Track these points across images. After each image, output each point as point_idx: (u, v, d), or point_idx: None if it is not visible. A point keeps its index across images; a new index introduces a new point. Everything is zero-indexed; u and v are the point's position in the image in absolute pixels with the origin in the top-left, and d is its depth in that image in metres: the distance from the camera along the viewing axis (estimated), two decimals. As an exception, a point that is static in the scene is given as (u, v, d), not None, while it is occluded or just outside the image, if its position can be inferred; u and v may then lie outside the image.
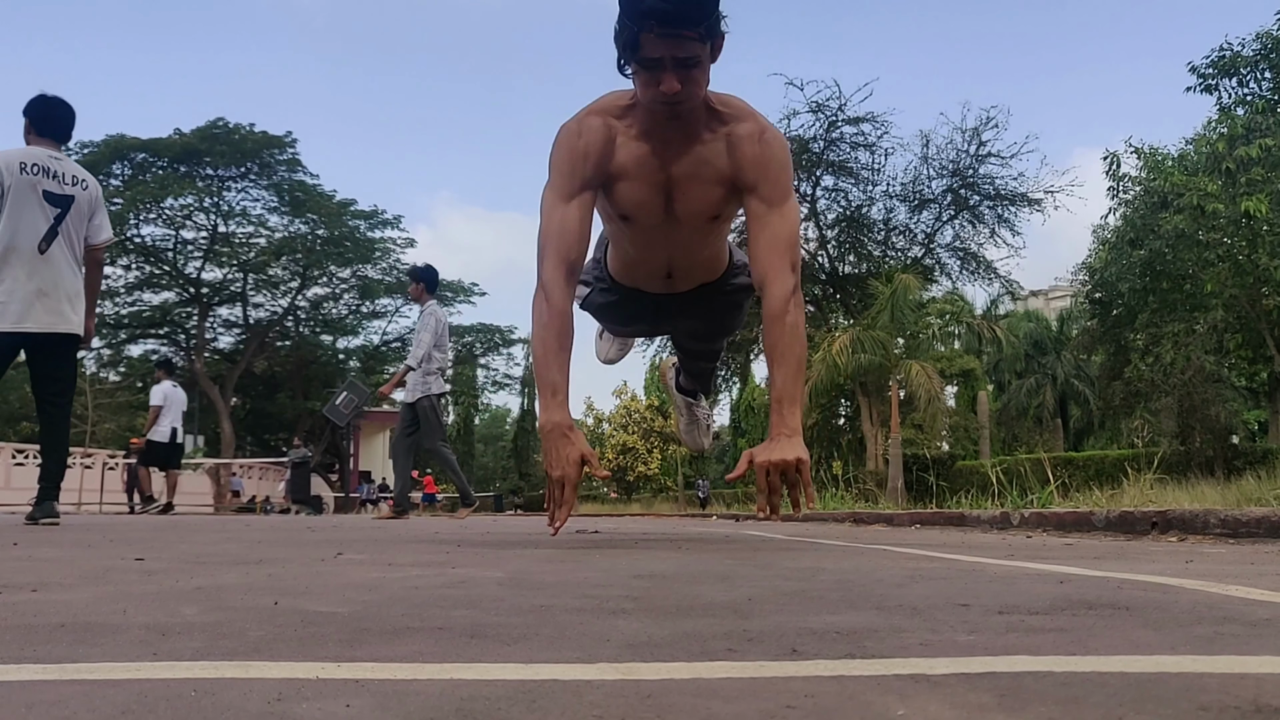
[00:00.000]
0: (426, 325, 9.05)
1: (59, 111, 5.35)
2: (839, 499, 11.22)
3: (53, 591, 1.50)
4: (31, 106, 5.31)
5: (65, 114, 5.39)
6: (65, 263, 5.10)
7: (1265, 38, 18.88)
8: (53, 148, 5.21)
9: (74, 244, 5.17)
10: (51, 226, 5.04)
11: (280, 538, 3.64)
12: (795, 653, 0.93)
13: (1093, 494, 7.36)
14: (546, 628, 1.10)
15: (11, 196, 4.95)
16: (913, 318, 20.65)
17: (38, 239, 4.98)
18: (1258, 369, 25.53)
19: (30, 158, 5.06)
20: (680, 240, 2.90)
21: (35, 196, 5.00)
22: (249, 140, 34.02)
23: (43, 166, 5.08)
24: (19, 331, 4.93)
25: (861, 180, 22.76)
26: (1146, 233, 17.80)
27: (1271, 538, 3.52)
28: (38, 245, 4.98)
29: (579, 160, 2.70)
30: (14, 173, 4.97)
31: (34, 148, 5.15)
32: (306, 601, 1.35)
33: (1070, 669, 0.83)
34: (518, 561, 2.18)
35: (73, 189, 5.19)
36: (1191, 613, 1.23)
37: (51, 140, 5.24)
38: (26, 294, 4.92)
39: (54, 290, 5.02)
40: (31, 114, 5.29)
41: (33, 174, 5.02)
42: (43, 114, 5.28)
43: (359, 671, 0.84)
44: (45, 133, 5.23)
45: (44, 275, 4.98)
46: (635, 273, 3.11)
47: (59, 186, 5.12)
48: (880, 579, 1.73)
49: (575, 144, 2.70)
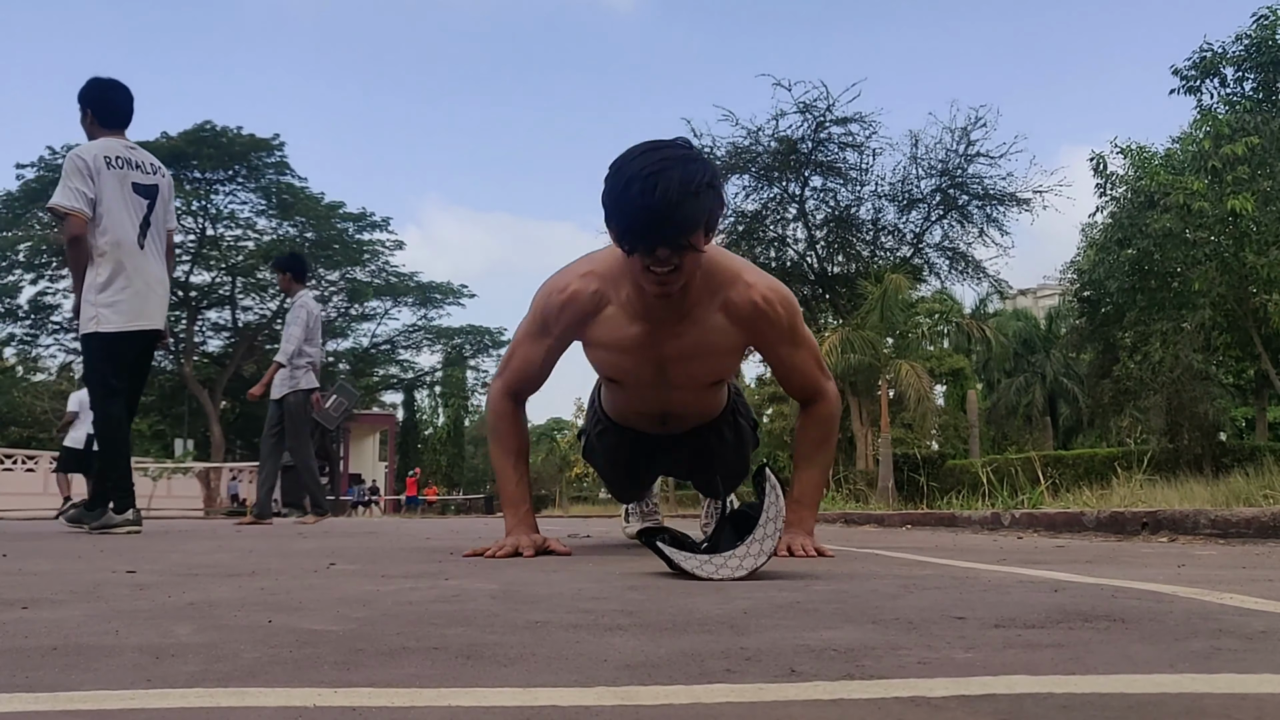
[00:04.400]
0: (296, 318, 8.49)
1: (119, 98, 5.09)
2: (830, 500, 11.24)
3: (43, 609, 1.48)
4: (89, 93, 5.03)
5: (126, 100, 5.12)
6: (158, 255, 4.99)
7: (1245, 38, 18.97)
8: (121, 137, 5.01)
9: (160, 234, 5.03)
10: (144, 218, 4.90)
11: (271, 546, 3.63)
12: (794, 673, 0.92)
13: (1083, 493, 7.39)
14: (543, 647, 1.09)
15: (105, 192, 4.77)
16: (902, 317, 20.69)
17: (135, 234, 4.85)
18: (1245, 366, 25.65)
19: (112, 150, 4.88)
20: (675, 398, 2.90)
21: (126, 190, 4.85)
22: (236, 143, 33.93)
23: (126, 158, 4.90)
24: (146, 330, 4.84)
25: (850, 180, 22.79)
26: (1134, 232, 17.86)
27: (1261, 538, 3.54)
28: (136, 240, 4.85)
29: (563, 322, 2.68)
30: (102, 167, 4.79)
31: (108, 140, 4.94)
32: (301, 619, 1.35)
33: (1070, 690, 0.83)
34: (511, 570, 2.18)
35: (155, 178, 5.04)
36: (1187, 625, 1.23)
37: (117, 129, 5.02)
38: (140, 291, 4.82)
39: (157, 285, 4.93)
40: (91, 103, 5.02)
41: (119, 167, 4.86)
42: (103, 102, 5.02)
43: (356, 698, 0.83)
44: (109, 123, 5.01)
45: (146, 271, 4.87)
46: (628, 416, 3.10)
47: (145, 176, 4.97)
48: (875, 589, 1.73)
49: (564, 306, 2.66)
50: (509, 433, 2.81)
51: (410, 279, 40.63)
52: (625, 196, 2.30)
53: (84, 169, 4.74)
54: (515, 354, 2.82)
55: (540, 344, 2.76)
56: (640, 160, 2.31)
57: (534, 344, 2.77)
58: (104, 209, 4.76)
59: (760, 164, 22.45)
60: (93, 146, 4.87)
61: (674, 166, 2.28)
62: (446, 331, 44.82)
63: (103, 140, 4.92)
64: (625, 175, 2.31)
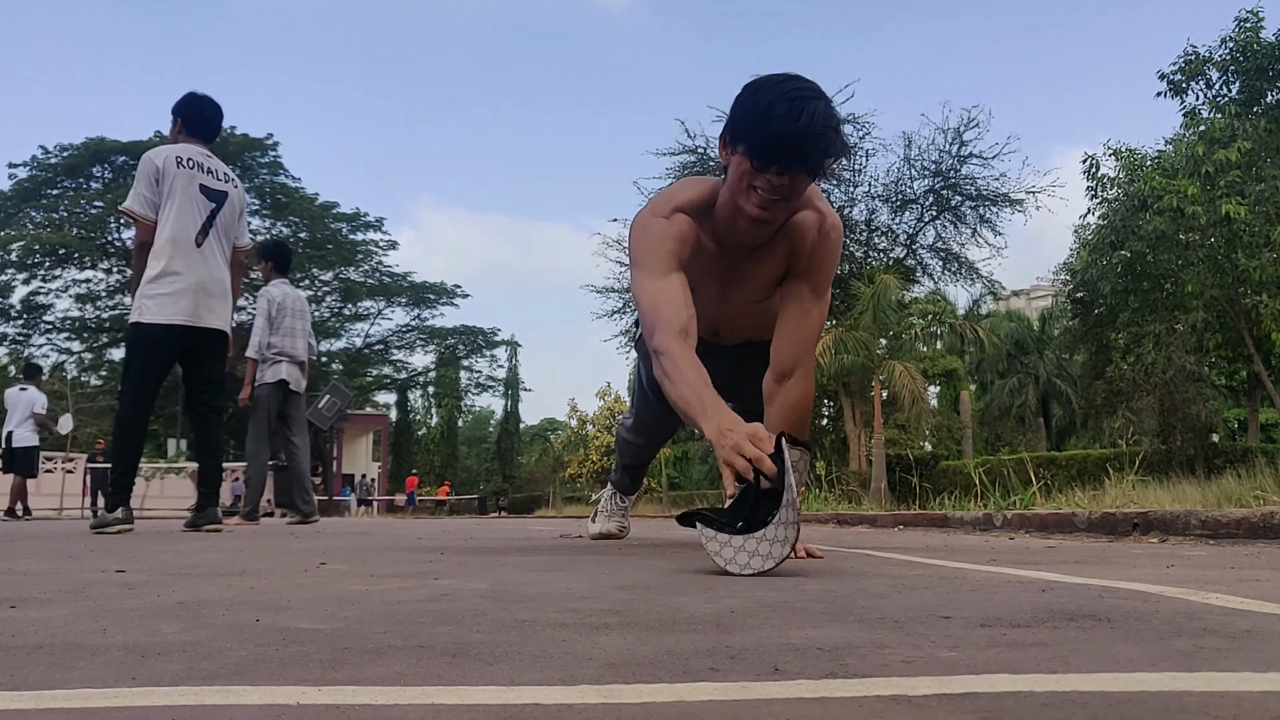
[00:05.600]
0: (258, 310, 8.27)
1: (210, 113, 5.35)
2: (822, 500, 11.24)
3: (32, 608, 1.48)
4: (184, 106, 5.29)
5: (216, 115, 5.40)
6: (218, 258, 5.06)
7: (1229, 41, 19.03)
8: (203, 147, 5.21)
9: (224, 241, 5.13)
10: (207, 220, 5.01)
11: (262, 546, 3.62)
12: (777, 671, 0.93)
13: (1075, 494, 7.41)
14: (528, 645, 1.10)
15: (171, 190, 4.92)
16: (895, 318, 20.72)
17: (195, 232, 4.95)
18: (1237, 368, 25.75)
19: (186, 152, 5.06)
20: (728, 311, 2.90)
21: (193, 189, 4.99)
22: (230, 143, 33.91)
23: (198, 161, 5.07)
24: (187, 325, 4.90)
25: (843, 181, 22.80)
26: (1127, 234, 17.92)
27: (1250, 538, 3.55)
28: (194, 238, 4.94)
29: (674, 245, 2.58)
30: (172, 167, 4.96)
31: (187, 144, 5.15)
32: (288, 618, 1.35)
33: (1051, 688, 0.83)
34: (501, 571, 2.18)
35: (226, 185, 5.18)
36: (1171, 624, 1.24)
37: (203, 141, 5.24)
38: (189, 287, 4.89)
39: (212, 285, 4.99)
40: (184, 114, 5.27)
41: (189, 168, 5.01)
42: (195, 115, 5.27)
43: (340, 696, 0.83)
44: (197, 134, 5.23)
45: (201, 270, 4.94)
46: None
47: (215, 181, 5.12)
48: (863, 589, 1.73)
49: (669, 229, 2.58)
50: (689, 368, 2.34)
51: (404, 279, 40.63)
52: (770, 114, 2.31)
53: (153, 172, 4.93)
54: (656, 297, 2.50)
55: (671, 276, 2.54)
56: (785, 85, 2.33)
57: (666, 278, 2.53)
58: (166, 205, 4.90)
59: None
60: (168, 147, 5.07)
61: (818, 98, 2.33)
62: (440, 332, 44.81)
63: (180, 145, 5.13)
64: (770, 95, 2.32)
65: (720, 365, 3.22)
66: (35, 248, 34.55)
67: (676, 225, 2.61)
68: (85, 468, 22.95)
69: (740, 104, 2.40)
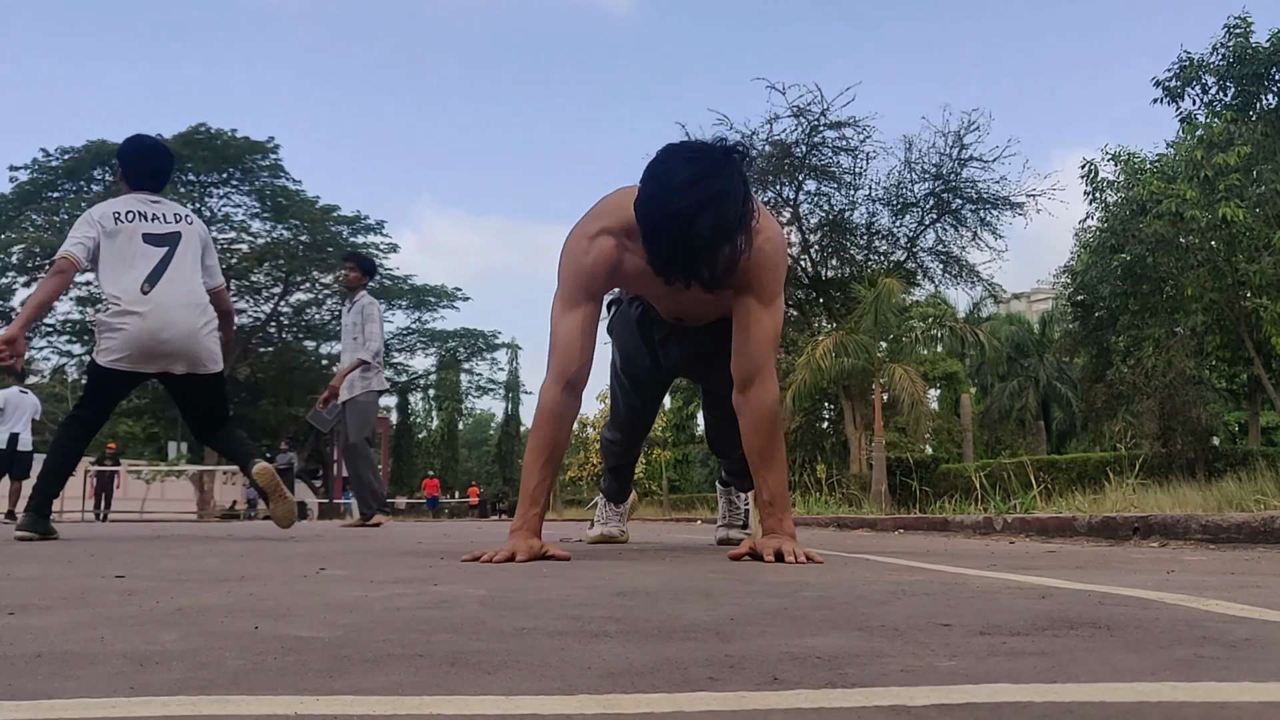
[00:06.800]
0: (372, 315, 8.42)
1: (152, 161, 5.05)
2: (823, 503, 11.25)
3: (31, 615, 1.48)
4: (124, 154, 5.02)
5: (161, 165, 5.08)
6: (171, 302, 4.72)
7: (1221, 47, 19.06)
8: (148, 195, 4.92)
9: (183, 280, 4.80)
10: (158, 265, 4.71)
11: (263, 551, 3.62)
12: (776, 681, 0.93)
13: (1075, 498, 7.41)
14: (528, 654, 1.09)
15: (111, 247, 4.69)
16: (895, 321, 20.70)
17: (141, 280, 4.67)
18: (1237, 371, 25.72)
19: (125, 206, 4.80)
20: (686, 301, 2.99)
21: (135, 243, 4.72)
22: (231, 146, 33.94)
23: (139, 212, 4.80)
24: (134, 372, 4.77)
25: (844, 184, 22.83)
26: (1127, 238, 17.92)
27: (1251, 543, 3.55)
28: (140, 286, 4.67)
29: (585, 277, 2.72)
30: (110, 224, 4.71)
31: (127, 196, 4.88)
32: (287, 625, 1.35)
33: (1050, 699, 0.83)
34: (501, 576, 2.18)
35: (177, 225, 4.87)
36: (1171, 632, 1.24)
37: (147, 191, 4.93)
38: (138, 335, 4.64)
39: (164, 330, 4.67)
40: (124, 163, 5.01)
41: (128, 221, 4.75)
42: (133, 163, 4.98)
43: (338, 706, 0.83)
44: (139, 184, 4.93)
45: (151, 316, 4.65)
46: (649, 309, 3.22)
47: (161, 226, 4.81)
48: (863, 595, 1.73)
49: (583, 261, 2.72)
50: (547, 430, 2.75)
51: (404, 282, 40.64)
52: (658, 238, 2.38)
53: (92, 224, 4.73)
54: (555, 336, 2.77)
55: (576, 312, 2.74)
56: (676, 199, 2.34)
57: (571, 314, 2.74)
58: (105, 264, 4.71)
59: (754, 168, 22.45)
60: (104, 204, 4.84)
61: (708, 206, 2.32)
62: (441, 335, 44.82)
63: (119, 200, 4.88)
64: (657, 216, 2.37)
65: (687, 349, 3.28)
66: (36, 250, 34.55)
67: (594, 253, 2.71)
68: (88, 470, 22.94)
69: (642, 206, 2.43)
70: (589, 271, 2.71)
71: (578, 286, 2.73)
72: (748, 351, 2.76)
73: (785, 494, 2.80)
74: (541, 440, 2.76)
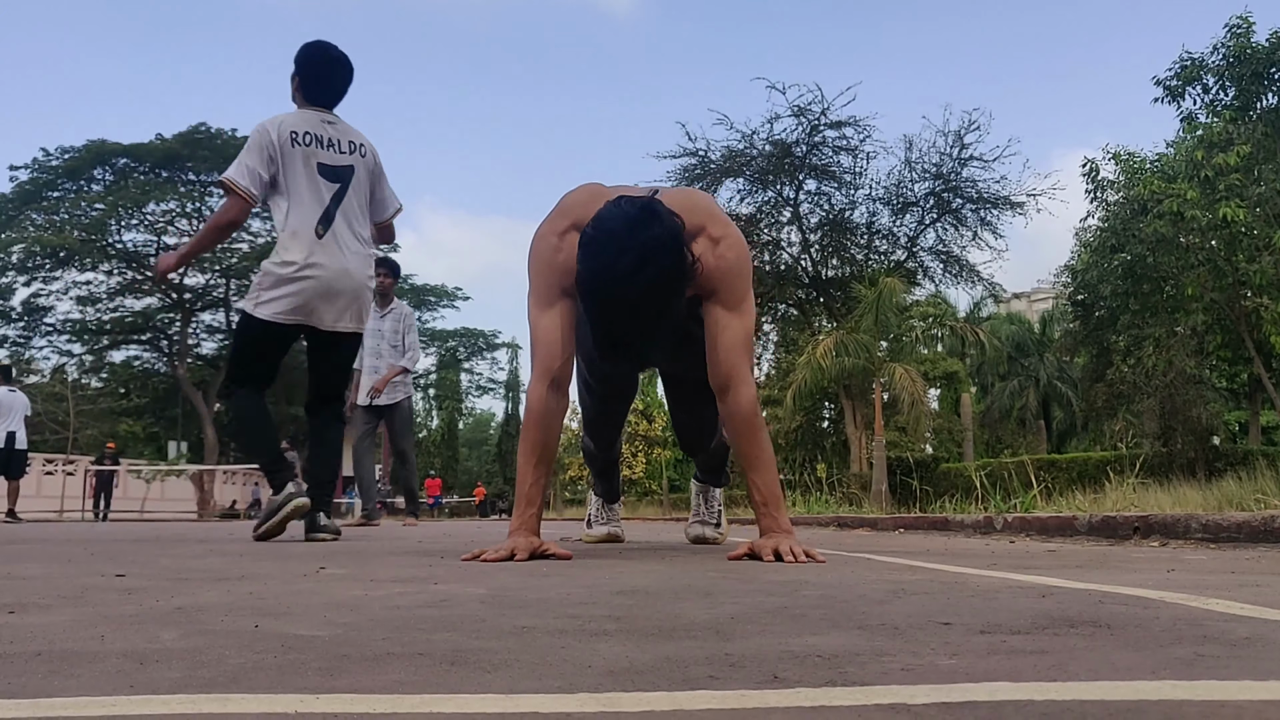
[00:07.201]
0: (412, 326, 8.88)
1: (332, 72, 4.53)
2: (823, 503, 11.24)
3: (31, 614, 1.48)
4: (303, 61, 4.50)
5: (343, 78, 4.57)
6: (347, 249, 4.35)
7: (1222, 47, 19.07)
8: (324, 113, 4.49)
9: (357, 222, 4.44)
10: (330, 205, 4.32)
11: (263, 550, 3.62)
12: (776, 679, 0.93)
13: (1075, 497, 7.41)
14: (527, 653, 1.09)
15: (285, 174, 4.28)
16: (896, 321, 20.70)
17: (315, 222, 4.28)
18: (1238, 370, 25.73)
19: (302, 125, 4.36)
20: None
21: (310, 172, 4.30)
22: (231, 145, 33.93)
23: (316, 135, 4.36)
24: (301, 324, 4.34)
25: (844, 184, 22.85)
26: (1127, 237, 17.92)
27: (1251, 542, 3.54)
28: (315, 229, 4.28)
29: (557, 274, 2.75)
30: (286, 144, 4.29)
31: (304, 112, 4.44)
32: (287, 624, 1.35)
33: (1051, 697, 0.83)
34: (501, 575, 2.17)
35: (350, 157, 4.44)
36: (1172, 631, 1.23)
37: (323, 106, 4.50)
38: (309, 288, 4.26)
39: (339, 282, 4.32)
40: (303, 70, 4.50)
41: (305, 144, 4.31)
42: (314, 73, 4.50)
43: (338, 704, 0.83)
44: (315, 98, 4.49)
45: (326, 267, 4.28)
46: None
47: (336, 156, 4.39)
48: (863, 594, 1.73)
49: (555, 259, 2.75)
50: (536, 430, 2.77)
51: (405, 282, 40.65)
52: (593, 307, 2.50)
53: (266, 146, 4.29)
54: (536, 335, 2.80)
55: (553, 310, 2.77)
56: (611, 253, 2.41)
57: (548, 313, 2.78)
58: (284, 191, 4.31)
59: (755, 167, 22.49)
60: (283, 118, 4.38)
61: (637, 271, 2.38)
62: (441, 334, 44.86)
63: (297, 113, 4.45)
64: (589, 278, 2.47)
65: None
66: (36, 250, 34.57)
67: (566, 250, 2.72)
68: (87, 470, 22.94)
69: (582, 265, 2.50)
70: (562, 268, 2.72)
71: (552, 284, 2.77)
72: (718, 359, 2.79)
73: (778, 492, 2.81)
74: (532, 441, 2.78)
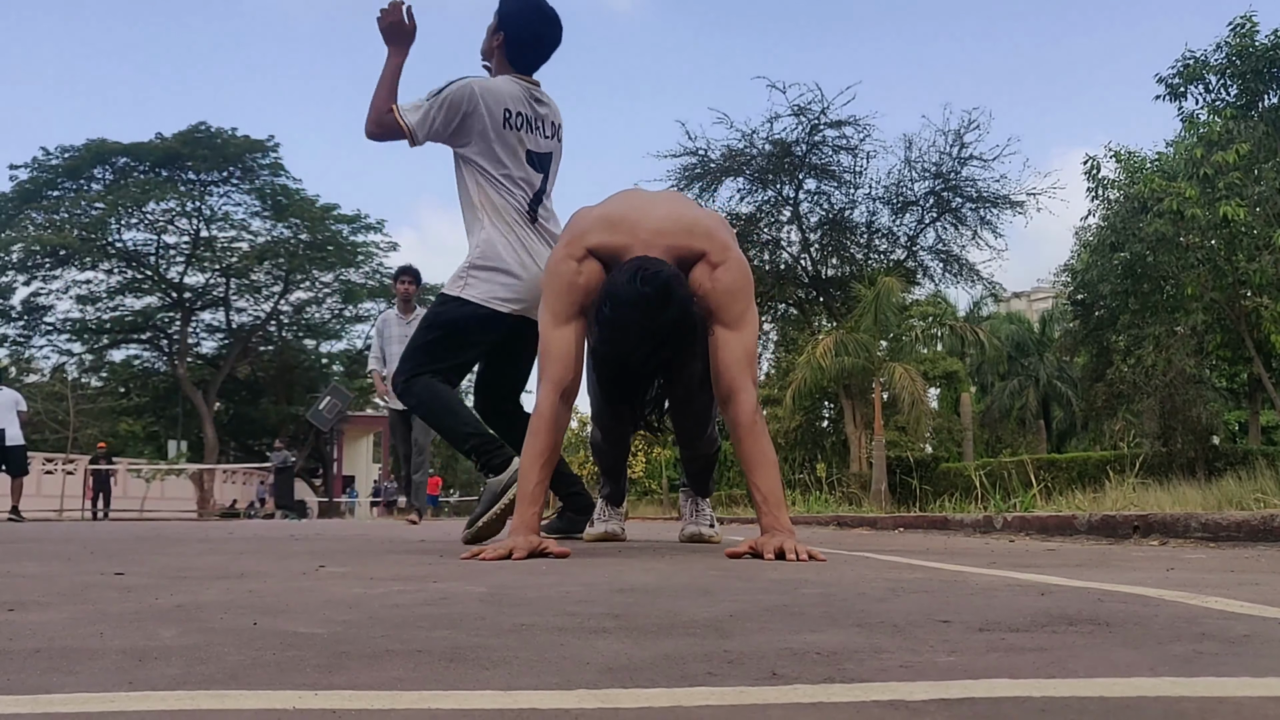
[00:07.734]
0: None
1: (551, 36, 3.97)
2: (823, 502, 11.24)
3: (30, 611, 1.48)
4: (517, 18, 3.90)
5: (555, 41, 3.99)
6: (545, 237, 3.90)
7: (1225, 46, 19.06)
8: (529, 82, 3.93)
9: (555, 213, 4.02)
10: (534, 199, 3.88)
11: (262, 548, 3.62)
12: (775, 676, 0.93)
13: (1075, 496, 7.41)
14: (526, 650, 1.09)
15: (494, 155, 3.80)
16: (895, 320, 20.68)
17: (524, 214, 3.86)
18: (1238, 370, 25.71)
19: (515, 103, 3.82)
20: None
21: (519, 157, 3.85)
22: (231, 144, 33.92)
23: (528, 117, 3.85)
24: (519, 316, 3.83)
25: (844, 183, 22.81)
26: (1127, 236, 17.91)
27: (1251, 541, 3.55)
28: (525, 221, 3.86)
29: (580, 295, 2.89)
30: (499, 123, 3.77)
31: (513, 84, 3.86)
32: (286, 621, 1.35)
33: (1049, 693, 0.83)
34: (500, 574, 2.17)
35: (552, 142, 3.98)
36: (1171, 629, 1.23)
37: (526, 71, 3.94)
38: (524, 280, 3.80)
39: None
40: (510, 27, 3.90)
41: (517, 127, 3.82)
42: (529, 37, 3.93)
43: (336, 700, 0.83)
44: (521, 61, 3.92)
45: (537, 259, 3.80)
46: None
47: (541, 141, 3.91)
48: (863, 592, 1.73)
49: (576, 281, 2.89)
50: (546, 434, 2.88)
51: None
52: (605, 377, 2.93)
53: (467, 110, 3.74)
54: (550, 347, 2.92)
55: (568, 328, 2.91)
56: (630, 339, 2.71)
57: (562, 329, 2.91)
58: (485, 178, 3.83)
59: (755, 167, 22.47)
60: (490, 88, 3.80)
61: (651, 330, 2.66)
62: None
63: (508, 82, 3.87)
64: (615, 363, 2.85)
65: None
66: (36, 249, 34.55)
67: (586, 274, 2.89)
68: (86, 469, 22.94)
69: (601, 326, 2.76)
70: (583, 290, 2.87)
71: (570, 304, 2.90)
72: (719, 374, 2.91)
73: (779, 491, 2.86)
74: (540, 444, 2.86)
